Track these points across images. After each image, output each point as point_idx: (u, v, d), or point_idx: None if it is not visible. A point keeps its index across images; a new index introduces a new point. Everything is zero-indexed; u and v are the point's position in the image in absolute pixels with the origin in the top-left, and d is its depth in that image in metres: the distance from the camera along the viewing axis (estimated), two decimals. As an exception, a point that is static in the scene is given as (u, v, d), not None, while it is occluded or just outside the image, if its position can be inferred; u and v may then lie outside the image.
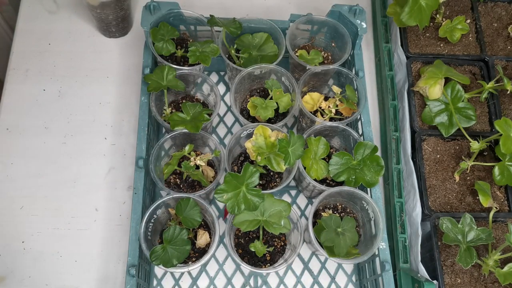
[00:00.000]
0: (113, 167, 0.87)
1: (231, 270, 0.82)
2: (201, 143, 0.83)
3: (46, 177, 0.85)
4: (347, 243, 0.73)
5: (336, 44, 0.91)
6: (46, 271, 0.79)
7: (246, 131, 0.78)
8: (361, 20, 0.86)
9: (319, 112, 0.84)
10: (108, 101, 0.92)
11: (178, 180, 0.81)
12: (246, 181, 0.69)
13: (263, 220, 0.70)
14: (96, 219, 0.83)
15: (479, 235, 0.72)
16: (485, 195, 0.76)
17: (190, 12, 0.85)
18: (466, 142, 0.84)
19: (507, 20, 0.95)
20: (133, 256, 0.70)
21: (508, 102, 0.88)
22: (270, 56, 0.86)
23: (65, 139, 0.88)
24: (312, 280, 0.82)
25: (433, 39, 0.93)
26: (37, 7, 0.98)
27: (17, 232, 0.81)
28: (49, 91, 0.91)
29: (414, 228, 0.79)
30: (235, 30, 0.83)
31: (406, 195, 0.83)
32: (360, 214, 0.80)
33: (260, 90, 0.89)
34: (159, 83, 0.78)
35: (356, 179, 0.76)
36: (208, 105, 0.88)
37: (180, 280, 0.80)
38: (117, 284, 0.79)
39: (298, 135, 0.74)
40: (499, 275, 0.71)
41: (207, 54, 0.80)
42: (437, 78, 0.83)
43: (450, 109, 0.83)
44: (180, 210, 0.71)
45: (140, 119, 0.79)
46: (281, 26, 0.86)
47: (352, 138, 0.82)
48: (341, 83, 0.89)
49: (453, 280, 0.74)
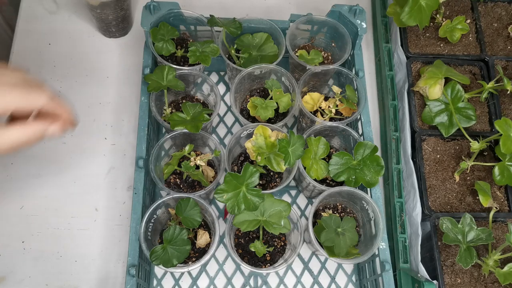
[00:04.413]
0: (113, 167, 0.87)
1: (231, 270, 0.82)
2: (201, 143, 0.83)
3: (46, 177, 0.85)
4: (347, 243, 0.73)
5: (336, 44, 0.91)
6: (46, 271, 0.79)
7: (246, 131, 0.78)
8: (361, 20, 0.86)
9: (319, 112, 0.84)
10: (108, 101, 0.92)
11: (178, 180, 0.81)
12: (246, 181, 0.69)
13: (263, 220, 0.70)
14: (96, 219, 0.83)
15: (479, 235, 0.72)
16: (485, 195, 0.76)
17: (190, 12, 0.85)
18: (466, 142, 0.84)
19: (507, 20, 0.95)
20: (133, 256, 0.70)
21: (508, 102, 0.88)
22: (270, 56, 0.86)
23: (65, 139, 0.88)
24: (312, 280, 0.82)
25: (433, 39, 0.93)
26: (37, 7, 0.98)
27: (17, 232, 0.81)
28: (49, 91, 0.91)
29: (414, 228, 0.79)
30: (235, 30, 0.83)
31: (406, 195, 0.83)
32: (360, 214, 0.80)
33: (260, 90, 0.89)
34: (159, 83, 0.78)
35: (356, 179, 0.76)
36: (208, 105, 0.88)
37: (180, 280, 0.80)
38: (117, 284, 0.79)
39: (298, 135, 0.74)
40: (499, 275, 0.71)
41: (207, 54, 0.80)
42: (437, 78, 0.83)
43: (450, 109, 0.83)
44: (180, 210, 0.71)
45: (140, 119, 0.79)
46: (281, 26, 0.86)
47: (352, 138, 0.82)
48: (341, 83, 0.89)
49: (453, 280, 0.74)
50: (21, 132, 0.55)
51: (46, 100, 0.56)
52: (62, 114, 0.59)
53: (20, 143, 0.56)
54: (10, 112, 0.56)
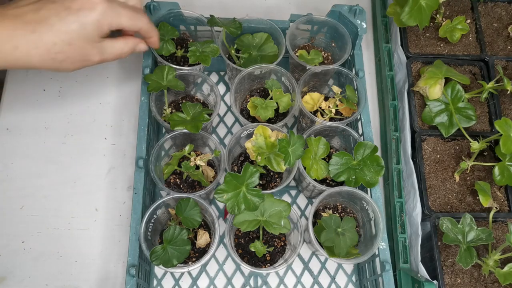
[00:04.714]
0: (113, 167, 0.87)
1: (231, 270, 0.82)
2: (201, 143, 0.83)
3: (46, 177, 0.85)
4: (347, 243, 0.73)
5: (336, 44, 0.91)
6: (46, 271, 0.79)
7: (246, 131, 0.78)
8: (361, 20, 0.86)
9: (319, 112, 0.84)
10: (108, 101, 0.92)
11: (178, 180, 0.81)
12: (246, 181, 0.69)
13: (263, 220, 0.70)
14: (96, 219, 0.83)
15: (479, 235, 0.72)
16: (485, 195, 0.76)
17: (190, 12, 0.85)
18: (466, 142, 0.84)
19: (507, 20, 0.95)
20: (133, 256, 0.70)
21: (508, 102, 0.88)
22: (270, 56, 0.86)
23: (65, 139, 0.88)
24: (312, 280, 0.82)
25: (433, 39, 0.93)
26: (37, 7, 0.98)
27: (17, 232, 0.81)
28: (49, 91, 0.91)
29: (414, 228, 0.79)
30: (235, 30, 0.83)
31: (406, 195, 0.83)
32: (360, 214, 0.80)
33: (260, 90, 0.89)
34: (159, 83, 0.78)
35: (356, 179, 0.76)
36: (208, 105, 0.88)
37: (180, 280, 0.80)
38: (117, 284, 0.79)
39: (298, 135, 0.74)
40: (499, 275, 0.71)
41: (207, 54, 0.80)
42: (437, 78, 0.83)
43: (450, 109, 0.83)
44: (180, 210, 0.71)
45: (140, 119, 0.79)
46: (281, 26, 0.86)
47: (352, 138, 0.82)
48: (341, 83, 0.89)
49: (453, 280, 0.74)
50: (123, 44, 0.70)
51: (146, 22, 0.70)
52: (153, 36, 0.73)
53: (122, 53, 0.70)
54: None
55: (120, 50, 0.70)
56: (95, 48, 0.66)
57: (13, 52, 0.60)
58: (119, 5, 0.66)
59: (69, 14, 0.61)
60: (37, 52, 0.61)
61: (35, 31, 0.60)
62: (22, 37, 0.60)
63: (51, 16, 0.61)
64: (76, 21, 0.62)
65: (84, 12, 0.62)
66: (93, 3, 0.62)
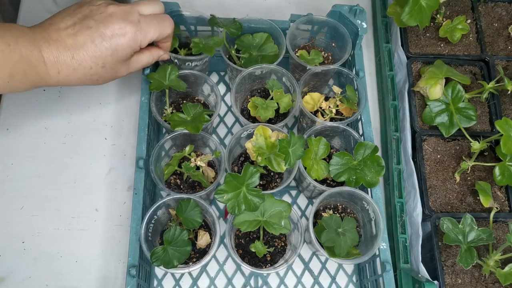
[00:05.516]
0: (113, 167, 0.86)
1: (231, 271, 0.82)
2: (202, 144, 0.83)
3: (46, 177, 0.85)
4: (348, 244, 0.73)
5: (337, 44, 0.91)
6: (46, 271, 0.79)
7: (246, 132, 0.78)
8: (361, 20, 0.86)
9: (319, 112, 0.84)
10: (108, 101, 0.91)
11: (179, 181, 0.81)
12: (246, 182, 0.69)
13: (263, 220, 0.70)
14: (96, 219, 0.83)
15: (479, 236, 0.72)
16: (485, 195, 0.76)
17: (190, 12, 0.84)
18: (467, 142, 0.84)
19: (507, 20, 0.95)
20: (134, 257, 0.70)
21: (508, 102, 0.88)
22: (271, 56, 0.86)
23: (65, 139, 0.88)
24: (312, 281, 0.82)
25: (434, 39, 0.93)
26: (37, 7, 0.98)
27: (17, 232, 0.80)
28: (49, 91, 0.91)
29: (415, 228, 0.79)
30: (235, 31, 0.83)
31: (407, 195, 0.83)
32: (361, 214, 0.80)
33: (261, 90, 0.89)
34: (161, 82, 0.77)
35: (356, 180, 0.76)
36: (208, 106, 0.88)
37: (181, 281, 0.80)
38: (117, 284, 0.79)
39: (298, 136, 0.74)
40: (500, 276, 0.71)
41: (210, 45, 0.80)
42: (438, 78, 0.83)
43: (450, 109, 0.83)
44: (181, 210, 0.71)
45: (140, 119, 0.79)
46: (281, 26, 0.86)
47: (353, 138, 0.82)
48: (341, 83, 0.89)
49: (453, 281, 0.74)
50: (149, 56, 0.75)
51: (171, 31, 0.74)
52: (168, 42, 0.77)
53: (147, 64, 0.76)
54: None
55: (146, 63, 0.75)
56: (125, 65, 0.72)
57: (56, 76, 0.66)
58: (146, 22, 0.70)
59: (103, 40, 0.66)
60: (76, 76, 0.68)
61: (74, 57, 0.66)
62: (64, 63, 0.66)
63: (87, 42, 0.66)
64: (109, 48, 0.67)
65: (116, 39, 0.67)
66: (124, 30, 0.67)
